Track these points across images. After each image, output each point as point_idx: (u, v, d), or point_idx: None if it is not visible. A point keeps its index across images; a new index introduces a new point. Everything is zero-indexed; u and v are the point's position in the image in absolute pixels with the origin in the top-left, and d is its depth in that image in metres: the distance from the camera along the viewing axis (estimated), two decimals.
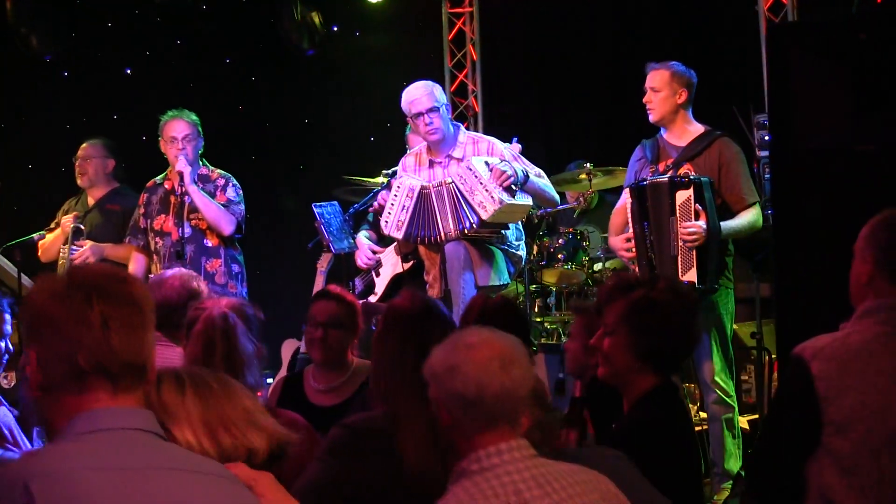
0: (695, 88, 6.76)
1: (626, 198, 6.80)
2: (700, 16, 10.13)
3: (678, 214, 6.35)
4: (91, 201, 8.30)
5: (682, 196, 6.35)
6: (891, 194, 4.55)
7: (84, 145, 8.35)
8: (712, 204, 6.38)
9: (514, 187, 6.89)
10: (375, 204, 7.40)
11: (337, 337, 5.22)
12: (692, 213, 6.32)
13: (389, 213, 7.10)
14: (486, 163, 6.94)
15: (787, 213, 4.85)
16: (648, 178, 6.60)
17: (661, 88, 6.70)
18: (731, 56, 9.37)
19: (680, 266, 6.32)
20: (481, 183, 6.83)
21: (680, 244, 6.33)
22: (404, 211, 7.04)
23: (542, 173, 7.31)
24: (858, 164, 4.71)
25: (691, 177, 6.41)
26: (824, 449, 3.45)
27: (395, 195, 7.09)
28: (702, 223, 6.29)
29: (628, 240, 6.65)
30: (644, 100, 6.78)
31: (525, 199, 7.01)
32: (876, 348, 3.46)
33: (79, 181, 8.32)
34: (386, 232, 7.19)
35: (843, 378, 3.42)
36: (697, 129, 6.76)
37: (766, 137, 8.00)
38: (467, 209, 6.89)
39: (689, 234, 6.29)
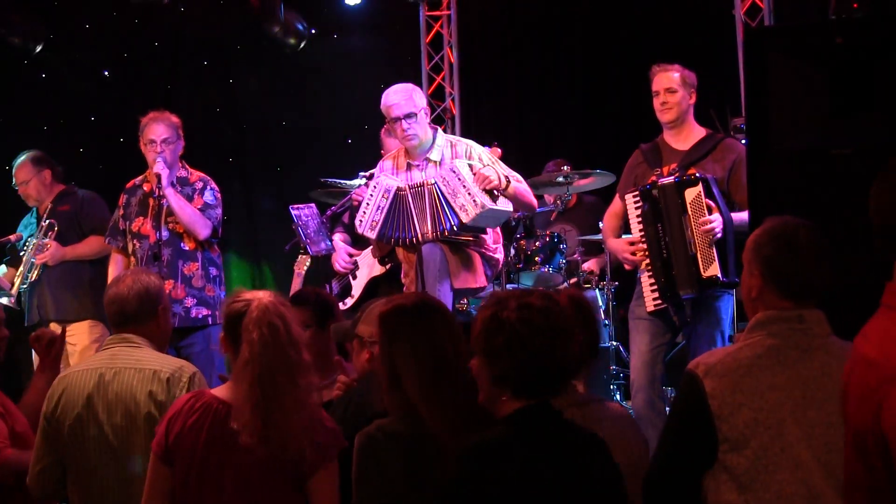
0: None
1: (621, 202, 6.82)
2: (677, 19, 10.17)
3: (690, 212, 6.37)
4: (41, 211, 8.30)
5: (692, 193, 6.36)
6: (866, 198, 4.57)
7: (14, 170, 8.31)
8: (721, 198, 6.40)
9: (496, 192, 6.90)
10: (353, 199, 7.36)
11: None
12: (704, 208, 6.34)
13: (364, 212, 7.08)
14: (470, 165, 6.94)
15: (763, 216, 4.86)
16: (659, 181, 6.59)
17: (677, 89, 6.71)
18: (709, 60, 9.40)
19: (701, 263, 6.31)
20: (464, 186, 6.82)
21: (698, 241, 6.34)
22: (379, 211, 7.03)
23: (521, 179, 7.30)
24: (834, 168, 4.72)
25: (697, 174, 6.43)
26: (720, 465, 3.48)
27: (371, 195, 7.08)
28: (717, 216, 6.32)
29: (632, 243, 6.67)
30: (658, 101, 6.74)
31: (506, 206, 7.00)
32: (766, 363, 3.48)
33: (28, 203, 8.36)
34: (360, 231, 7.15)
35: (736, 395, 3.44)
36: (700, 132, 6.79)
37: (743, 141, 8.03)
38: (448, 211, 6.88)
39: (707, 228, 6.30)
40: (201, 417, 4.01)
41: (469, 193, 6.80)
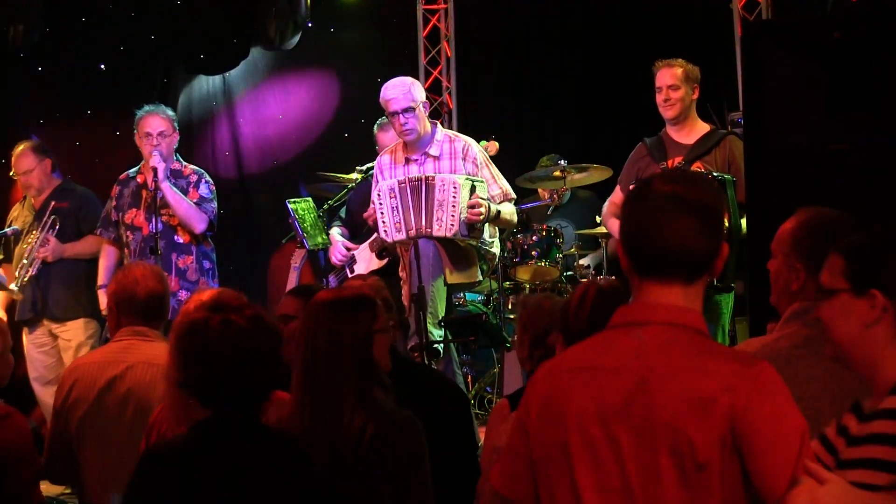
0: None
1: (623, 193, 6.83)
2: (674, 13, 10.15)
3: None
4: (37, 204, 8.19)
5: None
6: (864, 193, 4.56)
7: (14, 159, 8.16)
8: (734, 202, 6.30)
9: (476, 226, 6.93)
10: (371, 220, 7.31)
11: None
12: None
13: (383, 221, 7.04)
14: (474, 187, 6.92)
15: (761, 212, 4.85)
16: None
17: (680, 85, 6.73)
18: (706, 54, 9.37)
19: None
20: (454, 206, 6.81)
21: None
22: (395, 212, 7.00)
23: (511, 191, 7.29)
24: (833, 163, 4.71)
25: (715, 174, 6.37)
26: None
27: (381, 202, 7.05)
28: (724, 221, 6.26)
29: None
30: (661, 97, 6.75)
31: (476, 236, 7.07)
32: (804, 353, 3.42)
33: (28, 194, 8.22)
34: (389, 240, 7.08)
35: None
36: (703, 126, 6.79)
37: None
38: (427, 212, 6.90)
39: None
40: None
41: (452, 216, 6.80)
